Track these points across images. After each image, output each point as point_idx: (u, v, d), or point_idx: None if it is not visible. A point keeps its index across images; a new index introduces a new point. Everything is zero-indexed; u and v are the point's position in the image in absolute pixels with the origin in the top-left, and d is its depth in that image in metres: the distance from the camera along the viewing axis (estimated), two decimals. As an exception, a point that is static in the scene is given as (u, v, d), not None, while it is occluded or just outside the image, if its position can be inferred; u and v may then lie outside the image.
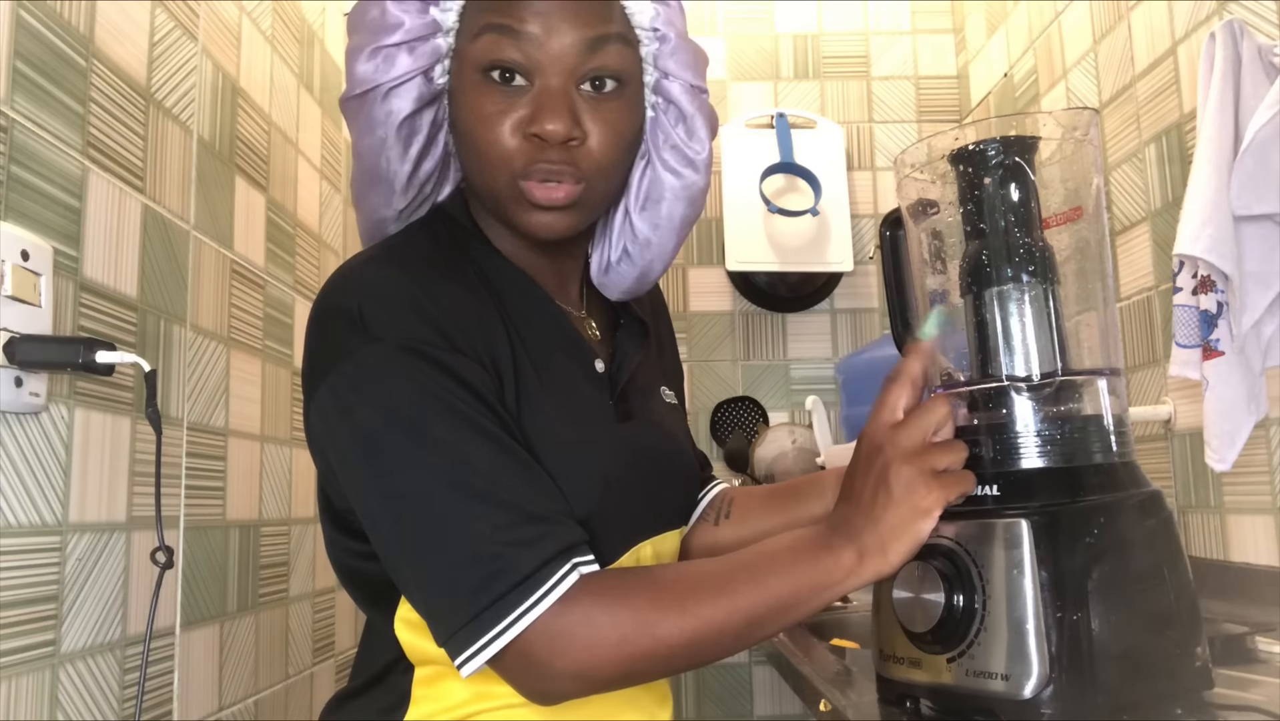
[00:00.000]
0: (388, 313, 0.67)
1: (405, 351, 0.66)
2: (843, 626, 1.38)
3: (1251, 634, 0.99)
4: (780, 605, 0.67)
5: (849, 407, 2.08)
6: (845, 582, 0.68)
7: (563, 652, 0.62)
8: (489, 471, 0.65)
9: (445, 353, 0.67)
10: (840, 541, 0.68)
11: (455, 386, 0.66)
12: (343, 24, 1.79)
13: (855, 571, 0.68)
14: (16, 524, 0.82)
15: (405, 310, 0.68)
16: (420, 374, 0.65)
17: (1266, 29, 1.19)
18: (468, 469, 0.64)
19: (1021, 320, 0.75)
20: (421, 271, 0.71)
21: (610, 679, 0.64)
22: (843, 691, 0.86)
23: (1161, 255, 1.44)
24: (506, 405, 0.70)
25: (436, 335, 0.67)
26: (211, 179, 1.23)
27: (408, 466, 0.65)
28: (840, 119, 2.38)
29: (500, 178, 0.72)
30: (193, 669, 1.13)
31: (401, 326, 0.67)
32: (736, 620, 0.65)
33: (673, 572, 0.68)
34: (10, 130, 0.83)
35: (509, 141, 0.70)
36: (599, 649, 0.63)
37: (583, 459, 0.73)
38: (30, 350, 0.80)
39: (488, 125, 0.70)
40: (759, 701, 2.21)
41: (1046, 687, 0.64)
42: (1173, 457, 1.42)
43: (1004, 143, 0.77)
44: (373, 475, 0.66)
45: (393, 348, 0.66)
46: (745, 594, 0.66)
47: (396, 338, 0.66)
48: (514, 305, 0.75)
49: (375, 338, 0.66)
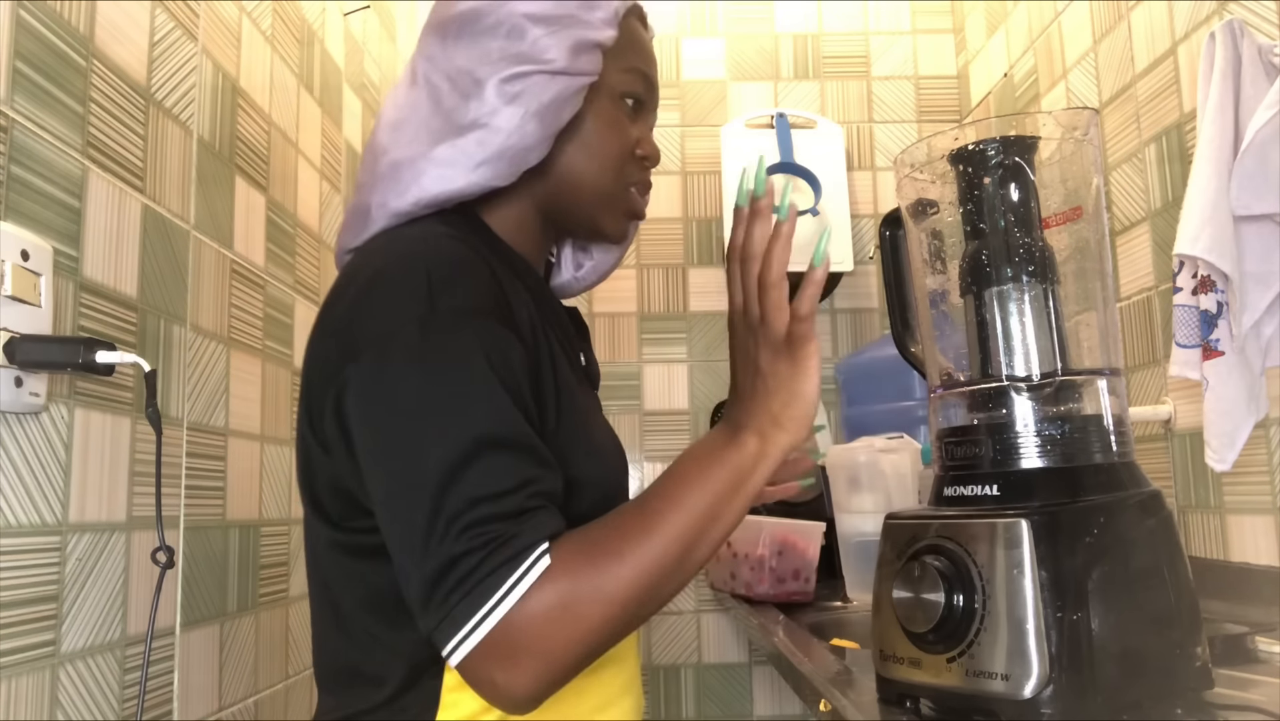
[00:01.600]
0: (463, 280, 0.69)
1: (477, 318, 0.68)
2: (843, 626, 1.38)
3: (1251, 634, 0.99)
4: (708, 516, 0.68)
5: (849, 408, 2.08)
6: (758, 468, 0.70)
7: (512, 662, 0.61)
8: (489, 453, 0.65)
9: (507, 328, 0.70)
10: (739, 434, 0.70)
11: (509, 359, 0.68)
12: (342, 23, 1.79)
13: (762, 452, 0.70)
14: (16, 524, 0.82)
15: (476, 278, 0.70)
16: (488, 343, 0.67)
17: (1266, 29, 1.19)
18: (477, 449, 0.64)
19: (1021, 320, 0.75)
20: (474, 249, 0.73)
21: (581, 658, 0.63)
22: (843, 691, 0.86)
23: (1161, 255, 1.44)
24: (540, 389, 0.73)
25: (501, 307, 0.70)
26: (211, 179, 1.23)
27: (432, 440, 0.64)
28: (840, 119, 2.38)
29: (614, 179, 0.83)
30: (193, 669, 1.13)
31: (476, 294, 0.69)
32: (674, 548, 0.66)
33: (598, 529, 0.66)
34: (10, 130, 0.83)
35: (629, 155, 0.84)
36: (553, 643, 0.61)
37: (610, 438, 0.83)
38: (30, 350, 0.80)
39: (621, 136, 0.83)
40: (759, 701, 2.21)
41: (1046, 687, 0.64)
42: (1173, 457, 1.42)
43: (1004, 143, 0.77)
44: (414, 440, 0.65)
45: (467, 315, 0.68)
46: (671, 520, 0.67)
47: (471, 305, 0.68)
48: (536, 297, 0.80)
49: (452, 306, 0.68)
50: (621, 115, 0.84)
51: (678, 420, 2.28)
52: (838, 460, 1.54)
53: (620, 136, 0.83)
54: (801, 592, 1.50)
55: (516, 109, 0.75)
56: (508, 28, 0.77)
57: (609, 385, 2.28)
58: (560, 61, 0.76)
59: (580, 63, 0.77)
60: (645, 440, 2.26)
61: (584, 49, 0.78)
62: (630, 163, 0.85)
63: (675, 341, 2.31)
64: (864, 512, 1.47)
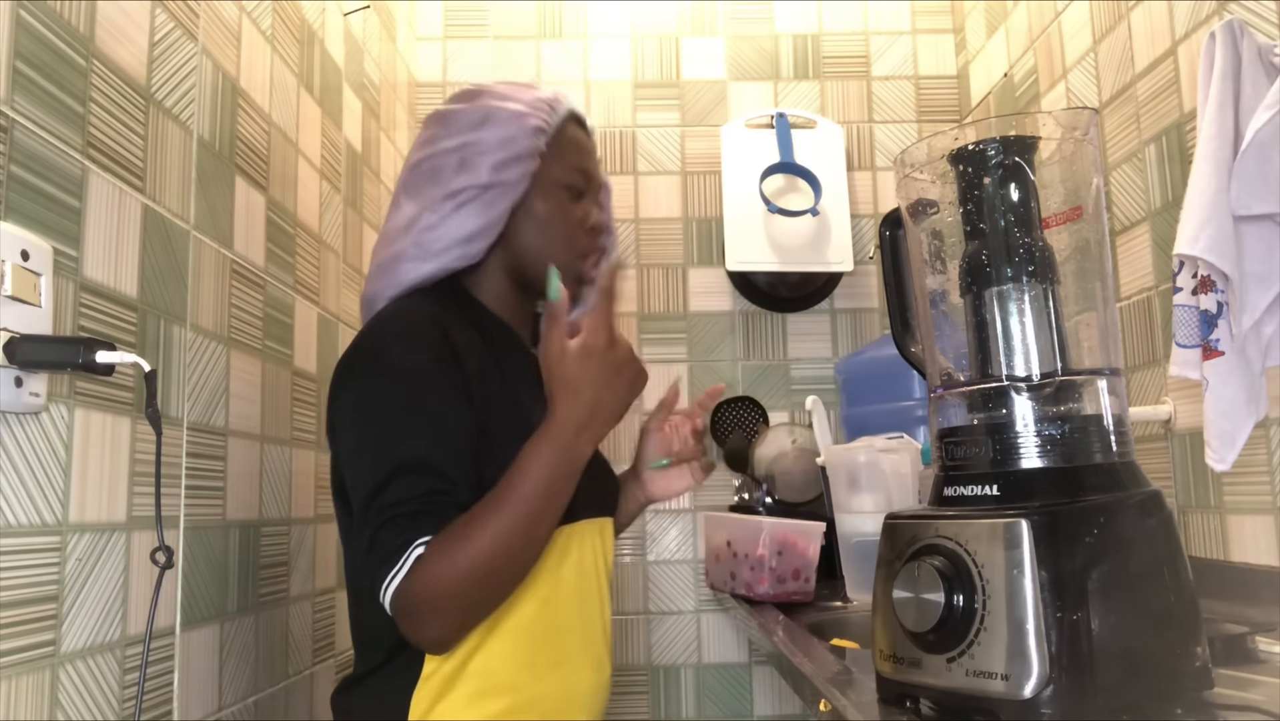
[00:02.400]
0: (419, 333, 0.96)
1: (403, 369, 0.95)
2: (843, 626, 1.38)
3: (1251, 634, 0.99)
4: (543, 494, 0.91)
5: (849, 408, 2.08)
6: (577, 445, 0.93)
7: (416, 622, 0.87)
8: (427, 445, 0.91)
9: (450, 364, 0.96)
10: (555, 427, 0.93)
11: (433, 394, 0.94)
12: (342, 23, 1.79)
13: (578, 435, 0.93)
14: (16, 524, 0.82)
15: (430, 331, 0.97)
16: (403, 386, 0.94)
17: (1266, 29, 1.19)
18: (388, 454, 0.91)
19: (1021, 320, 0.75)
20: (437, 312, 0.99)
21: (464, 612, 0.89)
22: (843, 691, 0.86)
23: (1161, 255, 1.44)
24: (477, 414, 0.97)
25: (445, 358, 0.96)
26: (211, 179, 1.23)
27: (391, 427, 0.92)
28: (840, 119, 2.38)
29: (563, 249, 1.09)
30: (193, 669, 1.13)
31: (423, 349, 0.95)
32: (517, 525, 0.89)
33: (460, 519, 0.89)
34: (10, 130, 0.83)
35: (576, 230, 1.10)
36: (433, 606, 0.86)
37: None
38: (30, 350, 0.80)
39: (566, 216, 1.09)
40: (759, 701, 2.21)
41: (1046, 687, 0.64)
42: (1173, 457, 1.42)
43: (1004, 143, 0.77)
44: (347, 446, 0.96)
45: (412, 366, 0.95)
46: (510, 502, 0.89)
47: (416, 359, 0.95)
48: (496, 344, 1.05)
49: (385, 358, 0.96)
50: (564, 200, 1.10)
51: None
52: (838, 460, 1.54)
53: (565, 216, 1.09)
54: (801, 592, 1.50)
55: (459, 215, 1.04)
56: (452, 162, 1.06)
57: (609, 385, 2.28)
58: (484, 178, 1.04)
59: (504, 175, 1.05)
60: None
61: (506, 165, 1.05)
62: (579, 235, 1.10)
63: (675, 341, 2.31)
64: (864, 512, 1.47)
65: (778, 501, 1.99)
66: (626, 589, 2.24)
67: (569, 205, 1.10)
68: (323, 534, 1.61)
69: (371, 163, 1.98)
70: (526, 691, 0.97)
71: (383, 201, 2.06)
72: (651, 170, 2.38)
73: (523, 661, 0.97)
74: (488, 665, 0.95)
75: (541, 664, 0.98)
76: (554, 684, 0.99)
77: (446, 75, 2.39)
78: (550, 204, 1.08)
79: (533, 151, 1.06)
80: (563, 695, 1.00)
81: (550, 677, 0.99)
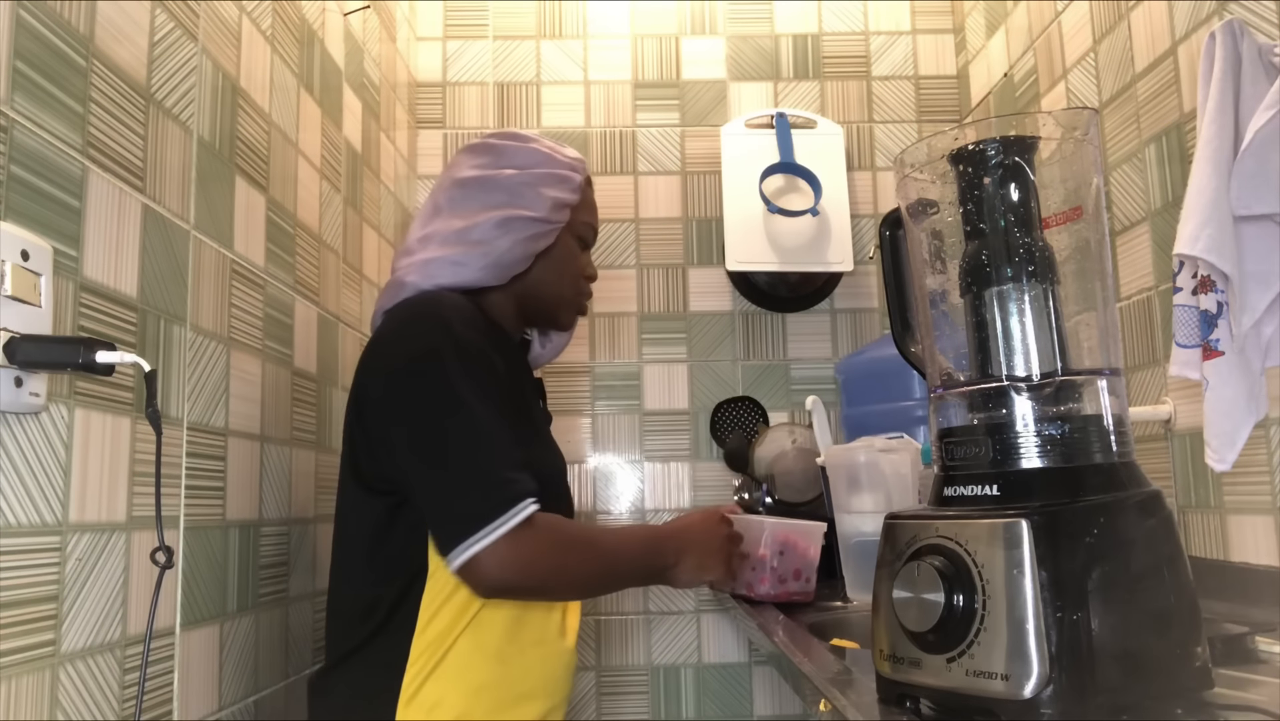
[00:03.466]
0: (465, 327, 1.11)
1: (472, 354, 1.10)
2: (843, 626, 1.38)
3: (1251, 634, 0.99)
4: (624, 577, 1.18)
5: (849, 408, 2.08)
6: (662, 576, 1.17)
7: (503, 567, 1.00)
8: (497, 436, 1.06)
9: (489, 359, 1.12)
10: (672, 550, 1.17)
11: (491, 381, 1.10)
12: (342, 24, 1.79)
13: (670, 572, 1.17)
14: (16, 524, 0.82)
15: (470, 327, 1.12)
16: (477, 371, 1.09)
17: (1266, 29, 1.19)
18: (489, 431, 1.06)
19: (1021, 320, 0.75)
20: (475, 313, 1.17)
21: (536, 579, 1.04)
22: (843, 691, 0.86)
23: (1161, 255, 1.44)
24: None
25: (488, 347, 1.13)
26: (211, 179, 1.23)
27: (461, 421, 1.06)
28: (840, 119, 2.38)
29: (571, 290, 1.30)
30: (193, 669, 1.13)
31: (470, 337, 1.10)
32: (605, 581, 1.17)
33: (581, 533, 1.14)
34: (10, 130, 0.83)
35: (580, 275, 1.31)
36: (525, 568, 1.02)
37: (559, 456, 1.27)
38: (30, 350, 0.80)
39: (577, 262, 1.31)
40: (759, 701, 2.21)
41: (1046, 687, 0.64)
42: (1173, 457, 1.42)
43: (1004, 143, 0.77)
44: (434, 418, 1.06)
45: (464, 351, 1.09)
46: (606, 555, 1.11)
47: (467, 344, 1.09)
48: (506, 354, 1.19)
49: (457, 342, 1.09)
50: (576, 249, 1.30)
51: (678, 420, 2.28)
52: (838, 460, 1.54)
53: (576, 262, 1.29)
54: (802, 593, 1.50)
55: (508, 238, 1.19)
56: (507, 188, 1.20)
57: (610, 385, 2.28)
58: (541, 213, 1.20)
59: (554, 215, 1.22)
60: (645, 440, 2.26)
61: (557, 206, 1.22)
62: (581, 281, 1.31)
63: (675, 341, 2.31)
64: (864, 512, 1.47)
65: (778, 501, 1.99)
66: (626, 589, 2.24)
67: (579, 254, 1.30)
68: (323, 534, 1.60)
69: (371, 163, 1.98)
70: (511, 664, 1.10)
71: (383, 201, 2.06)
72: (651, 170, 2.37)
73: (508, 634, 1.10)
74: (480, 634, 1.08)
75: (525, 638, 1.12)
76: (534, 660, 1.13)
77: (446, 75, 2.39)
78: (568, 250, 1.27)
79: (573, 202, 1.25)
80: (542, 674, 1.14)
81: (531, 653, 1.12)
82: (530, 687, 1.11)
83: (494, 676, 1.08)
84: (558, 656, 1.16)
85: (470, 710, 1.06)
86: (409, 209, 2.30)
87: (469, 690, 1.06)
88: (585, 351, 2.29)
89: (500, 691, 1.08)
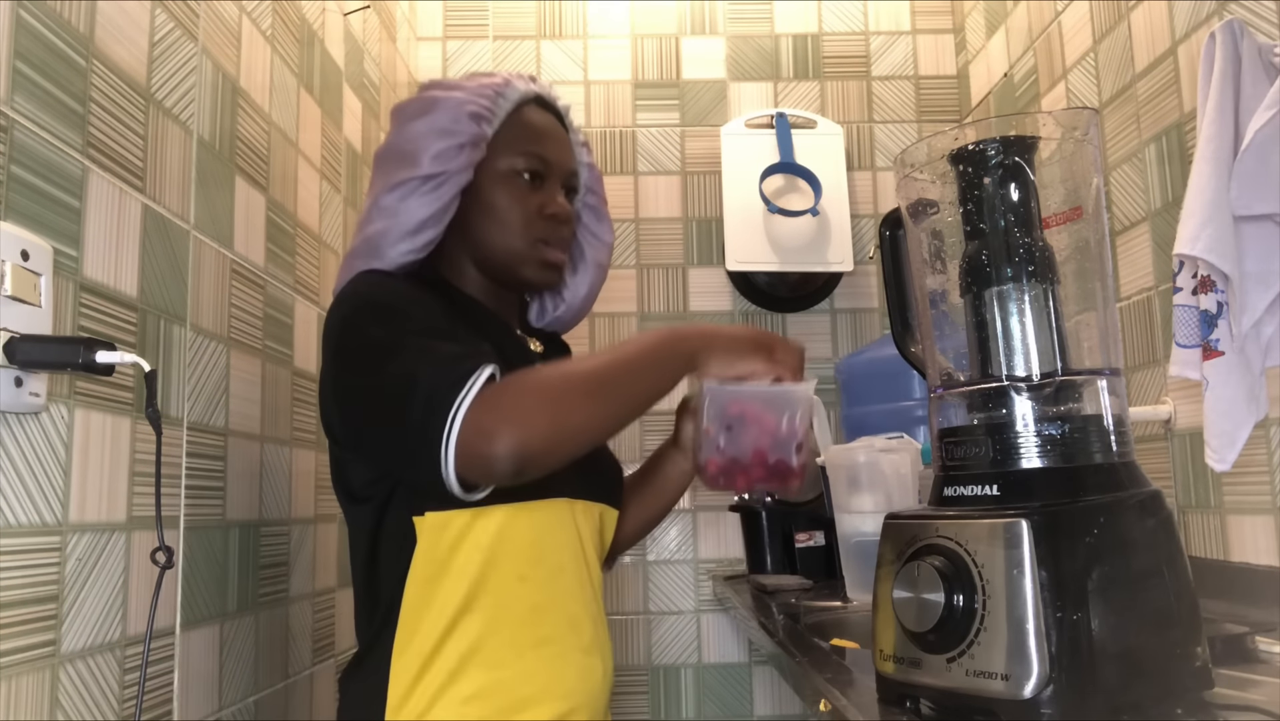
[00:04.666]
0: (374, 288, 1.00)
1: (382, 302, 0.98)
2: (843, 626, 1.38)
3: (1251, 634, 0.99)
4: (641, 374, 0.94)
5: (849, 408, 2.08)
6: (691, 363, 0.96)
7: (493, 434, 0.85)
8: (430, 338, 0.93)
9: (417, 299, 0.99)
10: (695, 336, 0.98)
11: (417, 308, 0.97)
12: (342, 24, 1.79)
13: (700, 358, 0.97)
14: (16, 524, 0.82)
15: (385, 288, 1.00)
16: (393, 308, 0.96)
17: (1266, 29, 1.19)
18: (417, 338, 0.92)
19: (1021, 320, 0.75)
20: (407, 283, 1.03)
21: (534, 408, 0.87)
22: (843, 691, 0.86)
23: (1161, 255, 1.44)
24: None
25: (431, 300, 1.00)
26: (211, 179, 1.23)
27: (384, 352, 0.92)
28: (840, 119, 2.38)
29: (521, 239, 1.07)
30: (193, 669, 1.13)
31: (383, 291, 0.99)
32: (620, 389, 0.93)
33: (566, 362, 0.96)
34: (10, 130, 0.83)
35: (534, 218, 1.07)
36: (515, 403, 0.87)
37: None
38: (30, 350, 0.80)
39: (520, 204, 1.07)
40: (759, 701, 2.21)
41: (1046, 687, 0.64)
42: (1173, 457, 1.42)
43: (1004, 143, 0.77)
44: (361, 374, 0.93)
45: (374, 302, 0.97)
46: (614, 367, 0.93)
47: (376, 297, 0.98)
48: (476, 325, 1.04)
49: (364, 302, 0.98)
50: (517, 187, 1.07)
51: (678, 420, 2.28)
52: (838, 460, 1.54)
53: (517, 204, 1.07)
54: (771, 478, 1.05)
55: (403, 206, 1.03)
56: (397, 153, 1.05)
57: (609, 385, 2.28)
58: (425, 169, 1.02)
59: (445, 165, 1.03)
60: (645, 440, 2.26)
61: (445, 154, 1.03)
62: (536, 223, 1.07)
63: (675, 341, 2.31)
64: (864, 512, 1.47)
65: (777, 501, 1.99)
66: (626, 589, 2.24)
67: (523, 192, 1.07)
68: (323, 534, 1.61)
69: (371, 163, 1.98)
70: (508, 669, 0.97)
71: (383, 201, 2.06)
72: (651, 170, 2.38)
73: (503, 639, 0.97)
74: (466, 642, 0.96)
75: (523, 641, 0.98)
76: (536, 663, 0.98)
77: (446, 75, 2.39)
78: (501, 192, 1.07)
79: (475, 139, 1.04)
80: (548, 676, 0.99)
81: (531, 656, 0.98)
82: (533, 693, 0.98)
83: (490, 680, 0.96)
84: (570, 665, 1.01)
85: (464, 714, 0.96)
86: (409, 209, 2.30)
87: (460, 698, 0.96)
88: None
89: (497, 698, 0.97)
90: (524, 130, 1.09)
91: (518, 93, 1.09)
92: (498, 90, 1.07)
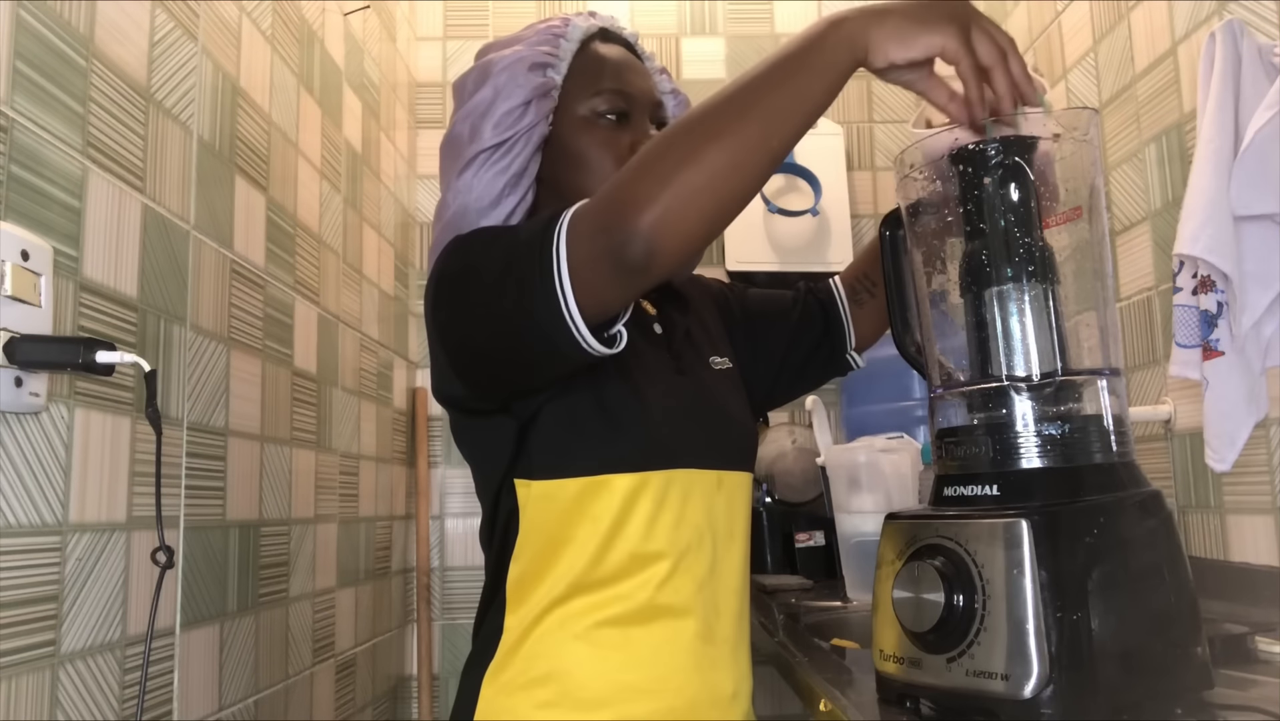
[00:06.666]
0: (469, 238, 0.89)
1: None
2: (843, 626, 1.38)
3: (1251, 634, 0.99)
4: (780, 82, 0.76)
5: (849, 408, 2.08)
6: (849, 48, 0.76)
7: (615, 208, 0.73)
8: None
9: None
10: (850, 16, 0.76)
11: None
12: (342, 23, 1.79)
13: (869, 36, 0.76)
14: (16, 524, 0.82)
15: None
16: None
17: (1266, 29, 1.19)
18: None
19: (1021, 320, 0.75)
20: None
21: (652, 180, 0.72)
22: (843, 691, 0.86)
23: (1161, 255, 1.44)
24: None
25: None
26: (211, 179, 1.23)
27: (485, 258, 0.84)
28: (840, 119, 2.38)
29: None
30: (193, 669, 1.13)
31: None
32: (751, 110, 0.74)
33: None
34: (10, 130, 0.83)
35: (625, 159, 0.93)
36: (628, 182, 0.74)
37: (643, 395, 0.91)
38: (30, 350, 0.80)
39: (611, 147, 0.97)
40: (759, 701, 2.20)
41: (1046, 687, 0.64)
42: (1173, 457, 1.42)
43: (1004, 143, 0.77)
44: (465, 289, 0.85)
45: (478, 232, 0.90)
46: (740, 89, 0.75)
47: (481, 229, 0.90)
48: None
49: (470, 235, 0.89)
50: (602, 131, 0.98)
51: (678, 420, 2.28)
52: (838, 460, 1.54)
53: (609, 148, 0.97)
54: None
55: (478, 178, 0.94)
56: (460, 136, 0.96)
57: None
58: (489, 140, 0.94)
59: (512, 129, 0.94)
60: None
61: (509, 118, 0.94)
62: (625, 160, 0.93)
63: (675, 341, 2.31)
64: (864, 512, 1.47)
65: (777, 501, 1.99)
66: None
67: (611, 134, 0.98)
68: (323, 534, 1.61)
69: (371, 163, 1.98)
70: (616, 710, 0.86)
71: (383, 202, 2.06)
72: (651, 170, 2.37)
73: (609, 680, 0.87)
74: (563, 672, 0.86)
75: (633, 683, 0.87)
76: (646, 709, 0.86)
77: (446, 75, 2.39)
78: (586, 138, 0.97)
79: (541, 89, 0.95)
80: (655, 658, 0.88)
81: (642, 703, 0.86)
82: (639, 679, 0.87)
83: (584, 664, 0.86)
84: (671, 640, 0.89)
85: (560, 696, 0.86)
86: (409, 209, 2.30)
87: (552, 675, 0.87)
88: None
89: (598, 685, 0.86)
90: (596, 67, 0.99)
91: (580, 31, 1.00)
92: (557, 33, 0.99)
